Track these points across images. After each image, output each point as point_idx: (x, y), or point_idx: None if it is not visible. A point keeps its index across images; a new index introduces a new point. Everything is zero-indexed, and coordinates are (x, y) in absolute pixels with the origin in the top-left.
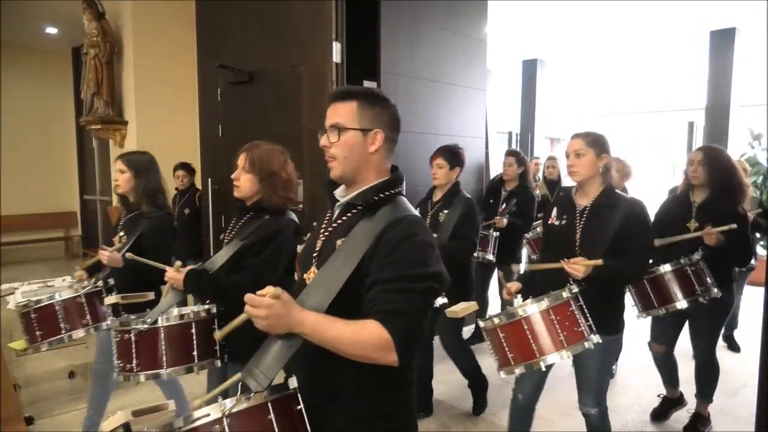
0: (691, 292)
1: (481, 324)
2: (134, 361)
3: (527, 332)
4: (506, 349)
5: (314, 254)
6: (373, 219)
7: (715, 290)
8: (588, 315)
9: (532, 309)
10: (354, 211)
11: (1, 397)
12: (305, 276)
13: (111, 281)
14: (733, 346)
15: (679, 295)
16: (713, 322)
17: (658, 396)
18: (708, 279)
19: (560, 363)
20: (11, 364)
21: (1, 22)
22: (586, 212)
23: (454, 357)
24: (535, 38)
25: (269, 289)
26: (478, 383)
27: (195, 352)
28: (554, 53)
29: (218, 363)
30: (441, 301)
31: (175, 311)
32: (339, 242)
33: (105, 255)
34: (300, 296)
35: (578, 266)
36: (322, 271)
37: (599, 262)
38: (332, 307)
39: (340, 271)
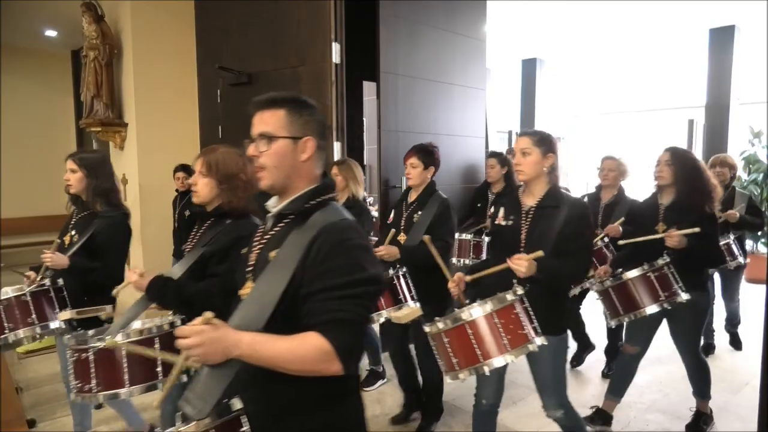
0: (656, 297)
1: (426, 329)
2: (93, 381)
3: (471, 337)
4: (450, 354)
5: (248, 268)
6: (305, 227)
7: (683, 295)
8: (533, 317)
9: (477, 313)
10: (286, 221)
11: (3, 400)
12: (240, 292)
13: (60, 281)
14: (737, 343)
15: (646, 300)
16: (690, 324)
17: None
18: (675, 284)
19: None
20: (13, 366)
21: (1, 24)
22: (531, 213)
23: (421, 360)
24: (534, 37)
25: (203, 316)
26: (433, 391)
27: (159, 368)
28: (553, 52)
29: (184, 378)
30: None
31: (136, 324)
32: (272, 254)
33: (47, 257)
34: (234, 315)
35: (521, 262)
36: (255, 286)
37: (539, 253)
38: (271, 323)
39: (274, 285)
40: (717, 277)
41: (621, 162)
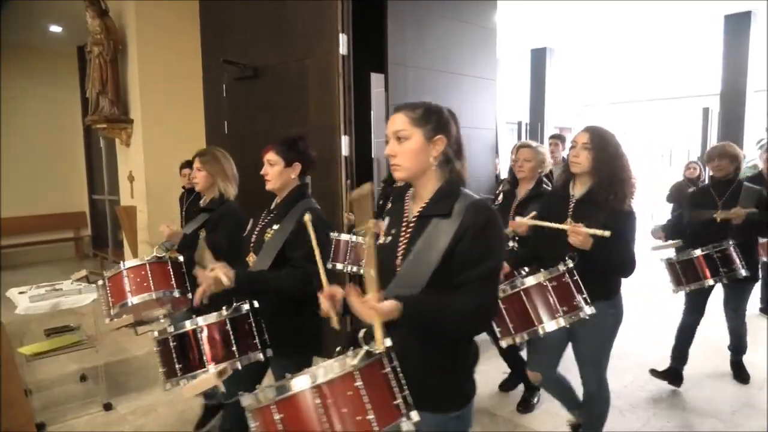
0: (553, 313)
1: None
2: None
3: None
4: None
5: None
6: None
7: (587, 309)
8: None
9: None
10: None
11: (13, 403)
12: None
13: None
14: (742, 374)
15: (544, 316)
16: (596, 345)
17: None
18: (577, 295)
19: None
20: (22, 368)
21: (7, 22)
22: (412, 224)
23: None
24: (543, 26)
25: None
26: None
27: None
28: (564, 41)
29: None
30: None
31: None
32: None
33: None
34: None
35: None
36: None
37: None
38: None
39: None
40: (714, 292)
41: (539, 150)
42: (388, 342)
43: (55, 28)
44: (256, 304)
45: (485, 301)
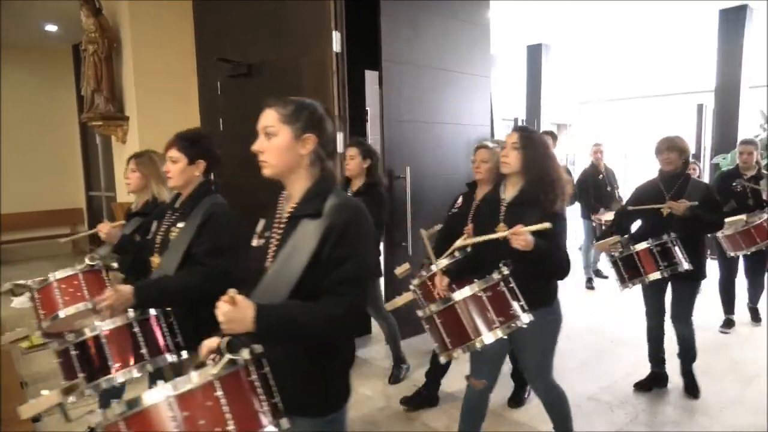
0: (489, 324)
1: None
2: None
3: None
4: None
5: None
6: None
7: (524, 317)
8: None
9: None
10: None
11: (7, 396)
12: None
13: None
14: (693, 389)
15: (481, 328)
16: (538, 352)
17: None
18: (514, 303)
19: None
20: (18, 361)
21: (2, 22)
22: (283, 225)
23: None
24: (539, 22)
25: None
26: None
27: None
28: (559, 37)
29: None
30: None
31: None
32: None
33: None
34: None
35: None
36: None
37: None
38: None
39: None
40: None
41: (496, 151)
42: (246, 353)
43: (51, 27)
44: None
45: (349, 304)
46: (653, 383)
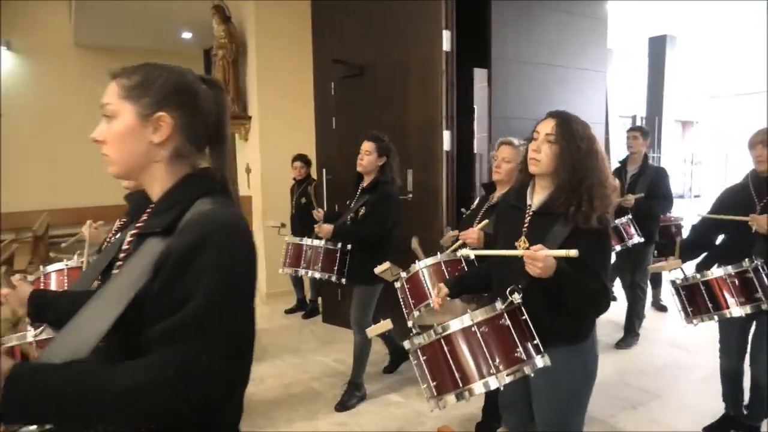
0: (485, 368)
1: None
2: None
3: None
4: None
5: None
6: None
7: (539, 360)
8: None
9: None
10: None
11: None
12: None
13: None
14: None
15: (474, 372)
16: (554, 407)
17: None
18: (523, 342)
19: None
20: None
21: (144, 30)
22: (127, 245)
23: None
24: (663, 12)
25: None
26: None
27: None
28: (686, 28)
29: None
30: None
31: None
32: None
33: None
34: None
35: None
36: None
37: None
38: None
39: None
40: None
41: (522, 150)
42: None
43: (186, 34)
44: None
45: (179, 364)
46: (727, 428)
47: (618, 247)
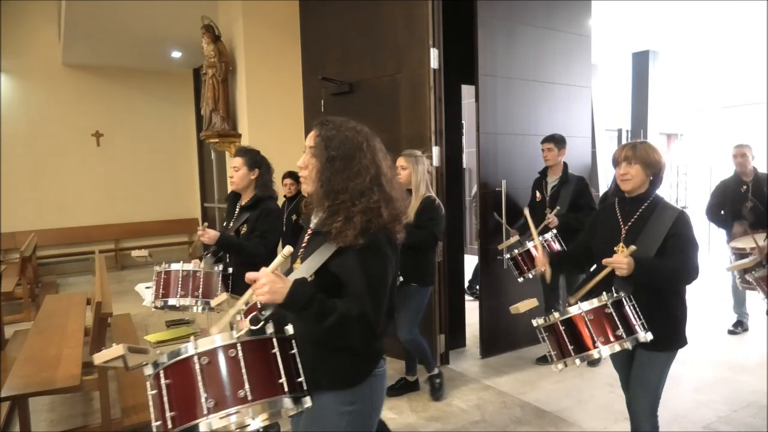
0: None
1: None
2: None
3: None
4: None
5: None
6: None
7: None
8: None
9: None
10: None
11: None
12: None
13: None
14: None
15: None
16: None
17: None
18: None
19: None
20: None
21: (136, 51)
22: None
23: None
24: (646, 28)
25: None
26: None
27: None
28: (669, 43)
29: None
30: None
31: None
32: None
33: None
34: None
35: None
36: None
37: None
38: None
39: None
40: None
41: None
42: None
43: (176, 54)
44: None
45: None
46: None
47: None
